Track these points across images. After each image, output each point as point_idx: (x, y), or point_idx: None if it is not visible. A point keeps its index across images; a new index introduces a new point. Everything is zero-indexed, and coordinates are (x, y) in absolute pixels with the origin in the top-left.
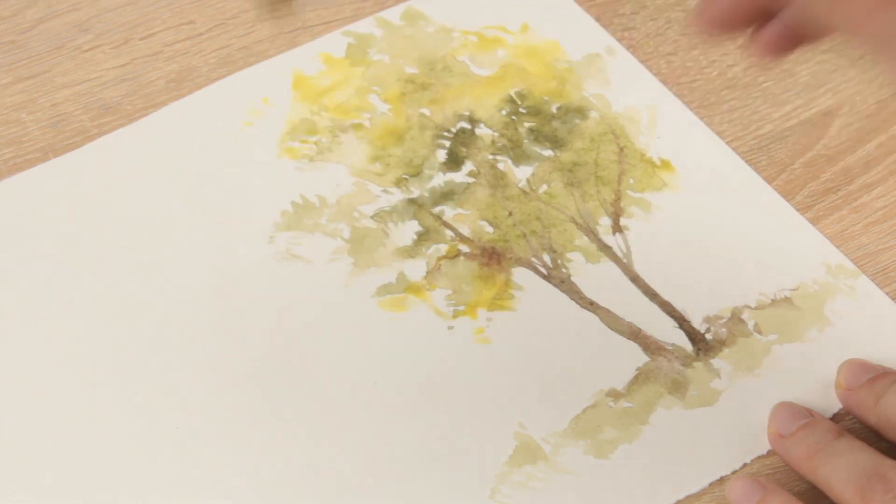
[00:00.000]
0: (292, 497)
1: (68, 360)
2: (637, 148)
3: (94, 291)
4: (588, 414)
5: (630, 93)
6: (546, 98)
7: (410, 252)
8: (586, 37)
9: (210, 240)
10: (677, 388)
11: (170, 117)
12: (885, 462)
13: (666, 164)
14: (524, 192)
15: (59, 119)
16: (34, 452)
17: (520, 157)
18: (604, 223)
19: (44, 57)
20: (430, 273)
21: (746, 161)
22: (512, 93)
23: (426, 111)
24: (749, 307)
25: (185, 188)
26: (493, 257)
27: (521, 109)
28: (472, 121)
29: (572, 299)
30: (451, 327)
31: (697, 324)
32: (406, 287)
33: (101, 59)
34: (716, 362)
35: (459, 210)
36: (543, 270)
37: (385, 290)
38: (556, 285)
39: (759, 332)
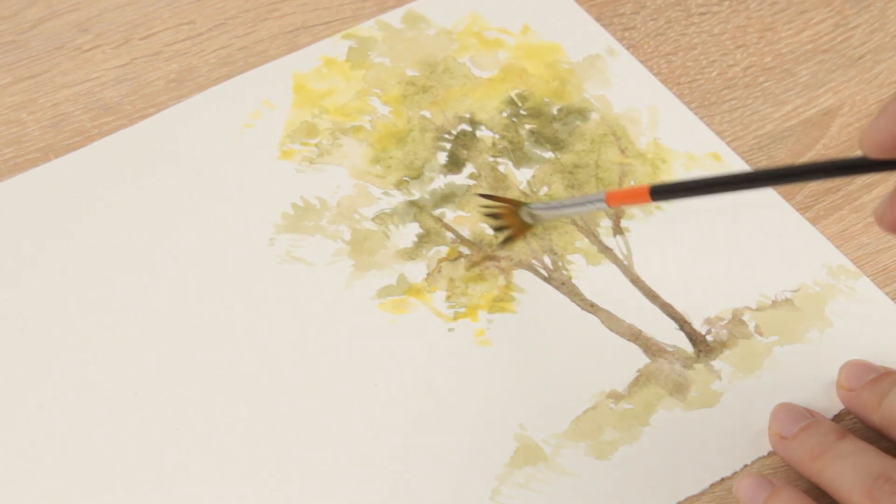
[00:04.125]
0: (292, 497)
1: (68, 360)
2: (638, 149)
3: (95, 292)
4: (589, 415)
5: (630, 93)
6: (547, 99)
7: (411, 254)
8: (587, 37)
9: (210, 241)
10: (678, 389)
11: (170, 119)
12: (892, 463)
13: (666, 166)
14: (525, 194)
15: (60, 119)
16: (34, 452)
17: (521, 159)
18: (604, 225)
19: (44, 57)
20: (431, 275)
21: (746, 161)
22: (513, 94)
23: (427, 113)
24: (750, 308)
25: (185, 190)
26: (493, 259)
27: (521, 111)
28: (473, 123)
29: (573, 301)
30: (451, 329)
31: (698, 325)
32: (406, 289)
33: (101, 59)
34: (716, 364)
35: (460, 212)
36: (544, 272)
37: (385, 291)
38: (556, 287)
39: (760, 334)
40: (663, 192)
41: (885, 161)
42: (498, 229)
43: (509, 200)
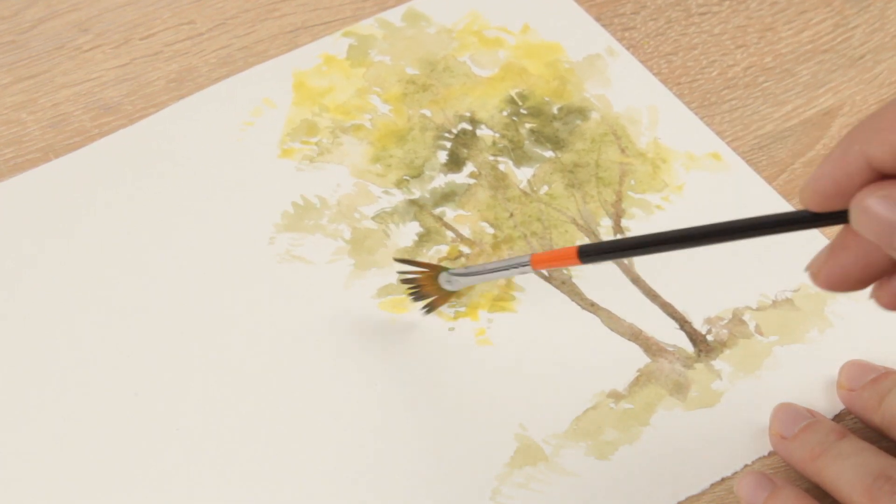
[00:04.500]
0: (291, 497)
1: (68, 360)
2: (638, 149)
3: (95, 291)
4: (589, 415)
5: (630, 93)
6: (547, 99)
7: (411, 253)
8: (587, 37)
9: (210, 241)
10: (678, 389)
11: (170, 118)
12: (893, 462)
13: (667, 165)
14: (525, 193)
15: (60, 119)
16: (34, 452)
17: (521, 158)
18: (605, 224)
19: (44, 57)
20: None
21: (746, 161)
22: (513, 93)
23: (427, 112)
24: (750, 308)
25: (184, 189)
26: (493, 258)
27: (522, 110)
28: (473, 122)
29: (573, 300)
30: (451, 328)
31: (698, 325)
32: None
33: (102, 59)
34: (717, 363)
35: (460, 211)
36: (544, 272)
37: (386, 291)
38: (556, 286)
39: (760, 334)
40: (592, 253)
41: (826, 215)
42: (415, 295)
43: (427, 265)
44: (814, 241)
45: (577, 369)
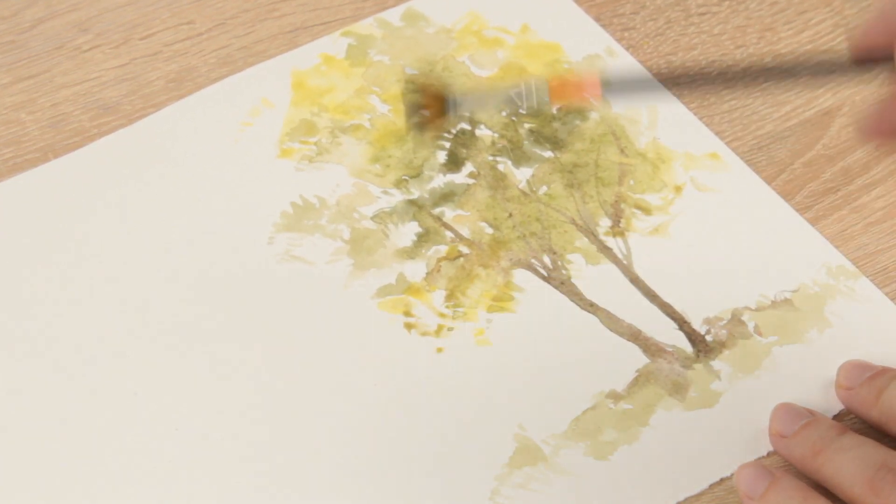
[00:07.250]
0: (291, 497)
1: (68, 360)
2: (637, 149)
3: (94, 292)
4: (588, 415)
5: None
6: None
7: (410, 253)
8: (586, 37)
9: (209, 241)
10: (677, 389)
11: (169, 118)
12: (893, 454)
13: (666, 165)
14: (524, 193)
15: (59, 119)
16: (34, 452)
17: (520, 158)
18: (604, 224)
19: (44, 57)
20: (430, 274)
21: (746, 161)
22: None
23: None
24: (749, 309)
25: (184, 189)
26: (492, 259)
27: (520, 110)
28: (472, 122)
29: (572, 301)
30: (451, 329)
31: (697, 325)
32: (406, 288)
33: (101, 59)
34: (716, 364)
35: (459, 211)
36: (543, 272)
37: (385, 291)
38: (556, 287)
39: (760, 334)
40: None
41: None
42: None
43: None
44: (813, 241)
45: (576, 369)
